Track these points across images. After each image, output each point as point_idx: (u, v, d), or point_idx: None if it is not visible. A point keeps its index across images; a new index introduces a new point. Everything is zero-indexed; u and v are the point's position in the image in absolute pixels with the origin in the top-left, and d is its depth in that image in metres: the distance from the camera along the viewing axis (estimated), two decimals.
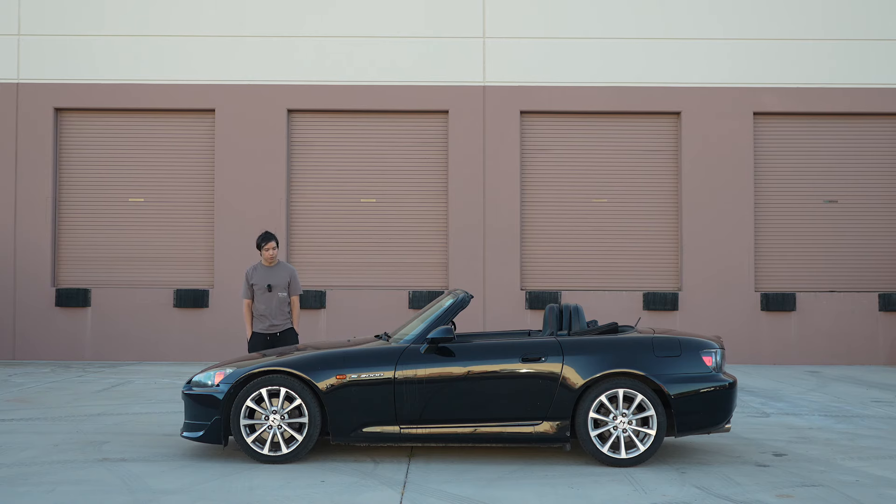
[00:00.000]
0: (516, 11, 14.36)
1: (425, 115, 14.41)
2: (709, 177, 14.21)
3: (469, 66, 14.26)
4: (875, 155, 14.46)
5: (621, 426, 6.54)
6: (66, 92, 14.25)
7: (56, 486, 5.91)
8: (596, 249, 14.35)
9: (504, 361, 6.65)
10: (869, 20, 14.36)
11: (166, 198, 14.36)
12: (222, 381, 6.67)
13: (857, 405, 9.76)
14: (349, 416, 6.58)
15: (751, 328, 14.07)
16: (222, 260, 14.05)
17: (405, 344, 6.78)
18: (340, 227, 14.34)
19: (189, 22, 14.32)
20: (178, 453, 6.97)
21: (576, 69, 14.29)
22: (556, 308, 7.10)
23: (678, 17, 14.37)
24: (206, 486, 5.97)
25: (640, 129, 14.44)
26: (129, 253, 14.28)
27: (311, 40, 14.32)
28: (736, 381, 6.81)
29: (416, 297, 13.97)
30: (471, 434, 6.60)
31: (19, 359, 14.01)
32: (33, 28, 14.30)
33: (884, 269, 14.33)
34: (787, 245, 14.37)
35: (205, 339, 13.97)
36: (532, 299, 14.04)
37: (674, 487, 6.00)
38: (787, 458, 6.95)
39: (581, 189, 14.40)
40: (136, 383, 11.30)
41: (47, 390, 10.58)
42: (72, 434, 7.72)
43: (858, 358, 14.10)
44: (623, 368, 6.55)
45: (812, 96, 14.29)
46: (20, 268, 14.08)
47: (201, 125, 14.40)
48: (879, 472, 6.50)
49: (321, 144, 14.44)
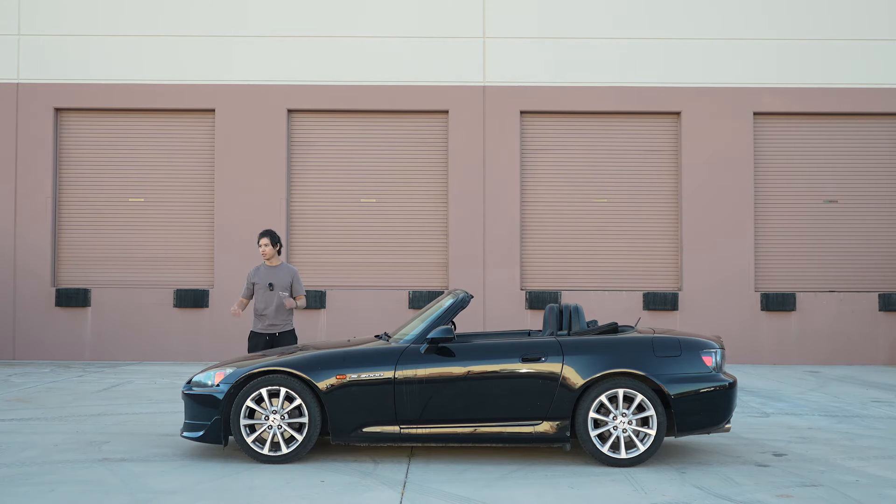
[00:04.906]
0: (516, 11, 14.36)
1: (425, 115, 14.42)
2: (709, 177, 14.21)
3: (469, 66, 14.27)
4: (875, 155, 14.47)
5: (621, 426, 6.54)
6: (66, 92, 14.25)
7: (56, 486, 5.91)
8: (596, 249, 14.36)
9: (504, 361, 6.64)
10: (869, 20, 14.36)
11: (166, 198, 14.36)
12: (222, 381, 6.67)
13: (857, 405, 9.76)
14: (349, 416, 6.57)
15: (751, 328, 14.07)
16: (222, 260, 14.06)
17: (405, 344, 6.78)
18: (340, 227, 14.35)
19: (189, 22, 14.33)
20: (178, 453, 6.97)
21: (576, 69, 14.29)
22: (556, 308, 7.10)
23: (678, 17, 14.38)
24: (206, 486, 5.98)
25: (640, 129, 14.44)
26: (129, 253, 14.29)
27: (311, 40, 14.32)
28: (736, 381, 6.82)
29: (416, 297, 13.97)
30: (471, 434, 6.60)
31: (19, 359, 14.02)
32: (33, 28, 14.30)
33: (884, 269, 14.33)
34: (787, 245, 14.38)
35: (205, 339, 13.98)
36: (532, 299, 14.05)
37: (674, 487, 6.00)
38: (787, 458, 6.95)
39: (581, 189, 14.41)
40: (136, 383, 11.30)
41: (47, 390, 10.58)
42: (72, 434, 7.72)
43: (858, 358, 14.10)
44: (623, 368, 6.55)
45: (812, 96, 14.30)
46: (20, 268, 14.08)
47: (201, 125, 14.40)
48: (879, 472, 6.50)
49: (321, 144, 14.44)
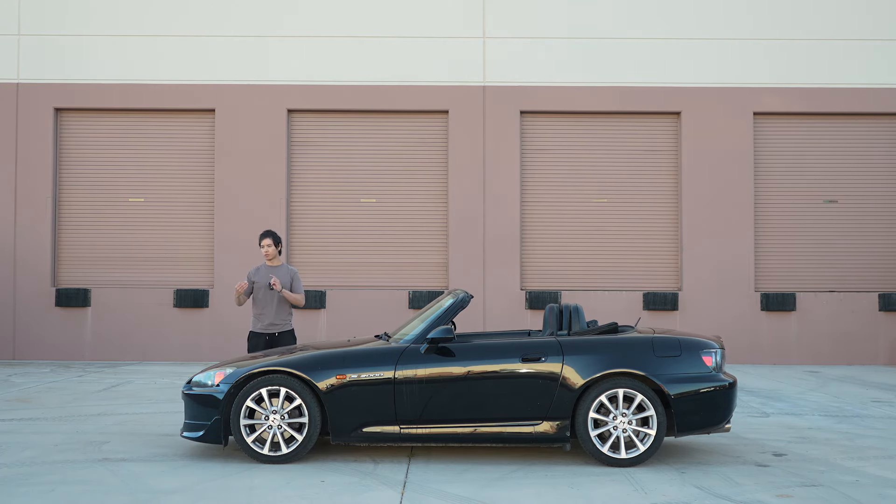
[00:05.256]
0: (516, 11, 14.36)
1: (425, 115, 14.42)
2: (709, 177, 14.21)
3: (469, 66, 14.26)
4: (875, 155, 14.47)
5: (621, 426, 6.53)
6: (66, 92, 14.25)
7: (56, 486, 5.91)
8: (596, 250, 14.36)
9: (504, 361, 6.64)
10: (869, 20, 14.36)
11: (166, 198, 14.36)
12: (222, 381, 6.66)
13: (857, 405, 9.76)
14: (349, 416, 6.57)
15: (751, 328, 14.07)
16: (222, 260, 14.06)
17: (405, 344, 6.78)
18: (340, 227, 14.35)
19: (189, 22, 14.32)
20: (178, 453, 6.96)
21: (576, 69, 14.29)
22: (556, 308, 7.10)
23: (678, 17, 14.38)
24: (206, 486, 5.97)
25: (640, 129, 14.44)
26: (129, 253, 14.29)
27: (311, 40, 14.32)
28: (736, 381, 6.81)
29: (416, 297, 13.97)
30: (471, 434, 6.59)
31: (19, 359, 14.02)
32: (33, 28, 14.30)
33: (884, 269, 14.33)
34: (787, 245, 14.38)
35: (205, 339, 13.98)
36: (532, 299, 14.05)
37: (674, 487, 6.00)
38: (787, 458, 6.95)
39: (581, 189, 14.40)
40: (136, 383, 11.30)
41: (47, 390, 10.58)
42: (72, 434, 7.71)
43: (858, 358, 14.10)
44: (623, 368, 6.54)
45: (812, 96, 14.30)
46: (20, 268, 14.08)
47: (201, 125, 14.40)
48: (879, 472, 6.50)
49: (321, 144, 14.44)
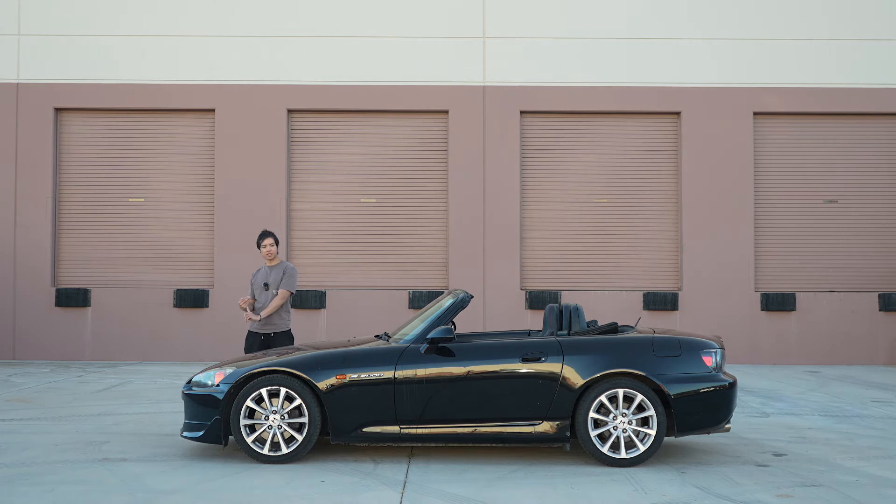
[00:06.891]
0: (516, 11, 14.36)
1: (425, 115, 14.42)
2: (709, 177, 14.21)
3: (469, 66, 14.26)
4: (875, 155, 14.47)
5: (621, 426, 6.53)
6: (66, 92, 14.25)
7: (56, 486, 5.91)
8: (596, 249, 14.36)
9: (504, 361, 6.64)
10: (869, 20, 14.36)
11: (166, 198, 14.36)
12: (222, 381, 6.66)
13: (857, 405, 9.76)
14: (349, 416, 6.57)
15: (751, 328, 14.07)
16: (222, 260, 14.06)
17: (405, 344, 6.78)
18: (340, 227, 14.35)
19: (189, 22, 14.32)
20: (178, 453, 6.96)
21: (576, 69, 14.29)
22: (556, 308, 7.10)
23: (678, 17, 14.38)
24: (206, 486, 5.97)
25: (640, 129, 14.44)
26: (129, 253, 14.29)
27: (311, 40, 14.32)
28: (736, 381, 6.81)
29: (416, 297, 13.97)
30: (471, 434, 6.59)
31: (19, 359, 14.02)
32: (33, 28, 14.30)
33: (884, 269, 14.33)
34: (787, 245, 14.37)
35: (205, 339, 13.98)
36: (532, 299, 14.05)
37: (674, 487, 6.00)
38: (787, 458, 6.95)
39: (581, 189, 14.41)
40: (136, 383, 11.30)
41: (47, 390, 10.58)
42: (72, 434, 7.71)
43: (858, 358, 14.10)
44: (623, 368, 6.54)
45: (812, 96, 14.30)
46: (20, 268, 14.08)
47: (201, 125, 14.40)
48: (879, 472, 6.50)
49: (321, 144, 14.44)
